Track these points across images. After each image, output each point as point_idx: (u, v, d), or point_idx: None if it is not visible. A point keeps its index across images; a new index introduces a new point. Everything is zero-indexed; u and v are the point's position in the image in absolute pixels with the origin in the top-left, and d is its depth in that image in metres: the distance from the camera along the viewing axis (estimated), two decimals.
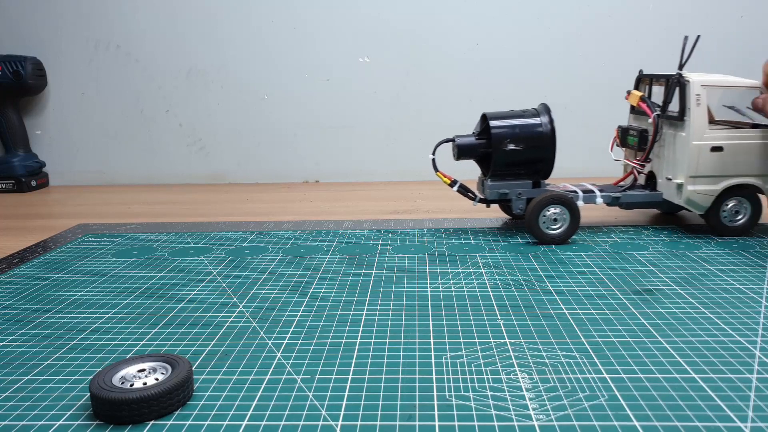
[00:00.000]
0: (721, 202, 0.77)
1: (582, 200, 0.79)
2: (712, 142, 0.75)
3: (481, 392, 0.42)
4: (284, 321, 0.55)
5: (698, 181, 0.76)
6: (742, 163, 0.76)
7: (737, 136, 0.75)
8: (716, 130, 0.76)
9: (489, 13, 1.26)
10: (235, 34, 1.30)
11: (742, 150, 0.75)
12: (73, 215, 1.04)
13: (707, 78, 0.77)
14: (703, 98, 0.75)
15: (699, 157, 0.76)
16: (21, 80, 1.25)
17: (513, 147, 0.78)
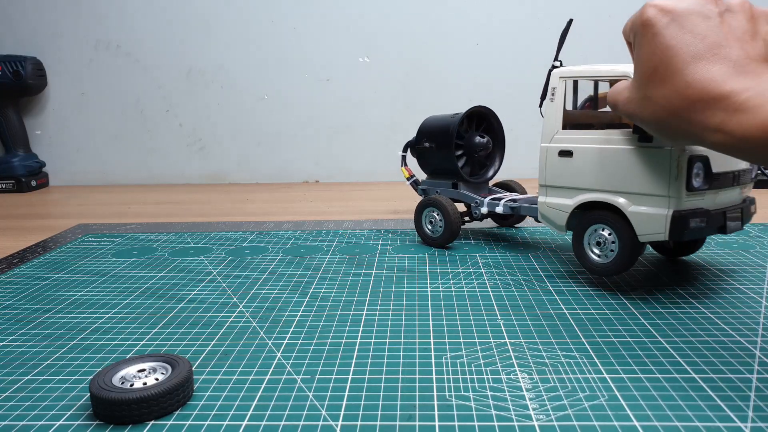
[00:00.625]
0: (584, 228, 0.61)
1: (486, 206, 0.76)
2: (561, 145, 0.62)
3: (481, 392, 0.42)
4: (284, 321, 0.55)
5: (552, 193, 0.64)
6: (594, 174, 0.59)
7: (590, 138, 0.60)
8: (570, 132, 0.62)
9: (489, 13, 1.26)
10: (235, 35, 1.30)
11: (594, 156, 0.59)
12: (73, 215, 1.04)
13: (569, 68, 0.65)
14: (560, 92, 0.64)
15: (548, 163, 0.63)
16: (21, 80, 1.25)
17: (427, 145, 0.80)
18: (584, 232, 0.61)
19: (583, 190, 0.61)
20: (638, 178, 0.56)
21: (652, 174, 0.55)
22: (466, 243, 0.79)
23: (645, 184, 0.56)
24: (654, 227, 0.55)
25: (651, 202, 0.56)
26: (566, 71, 0.64)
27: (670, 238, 0.54)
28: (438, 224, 0.77)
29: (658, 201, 0.55)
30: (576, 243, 0.62)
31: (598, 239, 0.60)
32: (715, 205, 0.57)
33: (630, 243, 0.57)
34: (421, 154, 0.82)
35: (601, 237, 0.59)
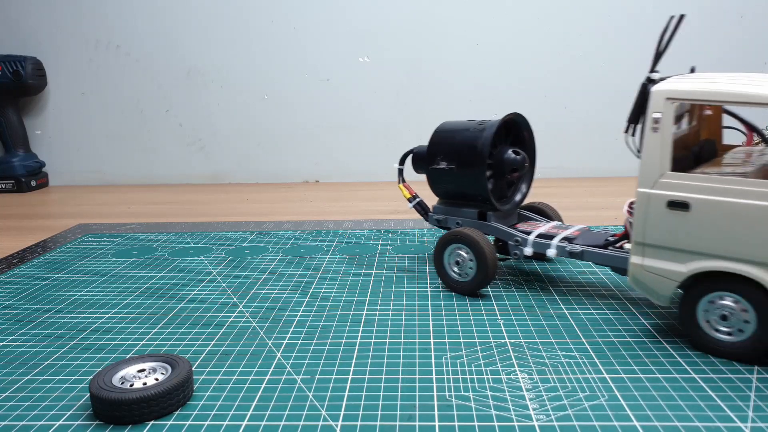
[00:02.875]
0: (698, 296, 0.47)
1: (530, 246, 0.60)
2: (671, 193, 0.46)
3: (481, 392, 0.42)
4: (284, 321, 0.55)
5: (649, 253, 0.49)
6: (722, 235, 0.45)
7: (716, 188, 0.45)
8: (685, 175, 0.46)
9: (489, 13, 1.26)
10: (235, 34, 1.30)
11: (725, 213, 0.44)
12: (73, 215, 1.04)
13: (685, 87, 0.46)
14: (667, 120, 0.47)
15: (647, 214, 0.48)
16: (21, 80, 1.25)
17: (445, 165, 0.63)
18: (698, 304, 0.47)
19: (698, 255, 0.46)
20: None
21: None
22: None
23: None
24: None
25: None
26: (679, 91, 0.46)
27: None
28: (468, 266, 0.59)
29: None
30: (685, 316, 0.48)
31: (723, 312, 0.46)
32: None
33: None
34: (436, 174, 0.65)
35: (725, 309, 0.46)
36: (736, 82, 0.45)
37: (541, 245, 0.59)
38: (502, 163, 0.62)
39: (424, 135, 1.32)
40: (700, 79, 0.47)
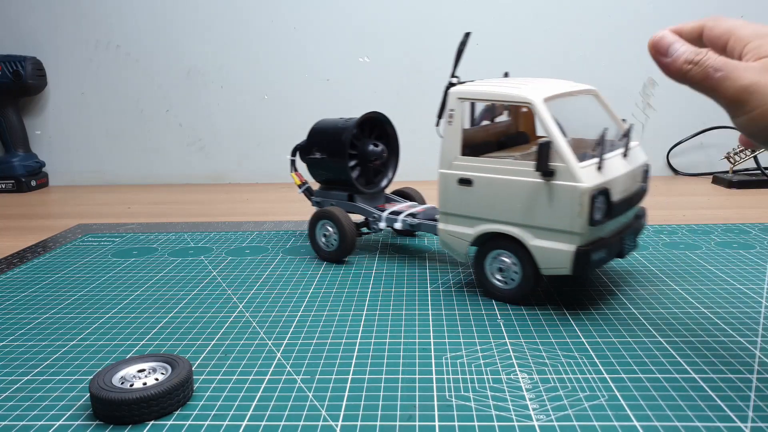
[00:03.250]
0: (485, 253, 0.59)
1: (384, 221, 0.71)
2: (460, 173, 0.58)
3: (481, 392, 0.42)
4: (284, 321, 0.55)
5: (450, 220, 0.61)
6: (497, 205, 0.57)
7: (492, 168, 0.57)
8: (470, 159, 0.58)
9: (489, 13, 1.26)
10: (235, 34, 1.30)
11: (497, 187, 0.56)
12: (73, 215, 1.04)
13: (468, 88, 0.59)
14: (458, 114, 0.59)
15: (447, 189, 0.60)
16: (21, 80, 1.25)
17: (318, 155, 0.74)
18: (485, 259, 0.59)
19: (481, 220, 0.58)
20: (540, 213, 0.54)
21: (555, 209, 0.53)
22: None
23: (548, 218, 0.54)
24: (557, 261, 0.54)
25: (553, 237, 0.54)
26: (465, 92, 0.59)
27: (573, 273, 0.53)
28: (332, 238, 0.71)
29: (562, 236, 0.53)
30: (476, 268, 0.60)
31: (500, 266, 0.58)
32: (612, 231, 0.57)
33: (532, 275, 0.56)
34: (311, 163, 0.76)
35: (504, 264, 0.58)
36: (506, 85, 0.58)
37: (391, 220, 0.71)
38: (365, 153, 0.74)
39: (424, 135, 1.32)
40: (489, 83, 0.60)
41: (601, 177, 0.53)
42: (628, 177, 0.57)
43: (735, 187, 1.13)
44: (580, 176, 0.52)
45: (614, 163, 0.57)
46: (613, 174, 0.55)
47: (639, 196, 0.60)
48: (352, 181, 0.73)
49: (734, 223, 0.85)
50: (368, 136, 0.75)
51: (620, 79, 1.27)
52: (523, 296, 0.57)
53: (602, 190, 0.53)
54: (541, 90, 0.57)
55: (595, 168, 0.54)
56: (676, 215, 0.93)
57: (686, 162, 1.30)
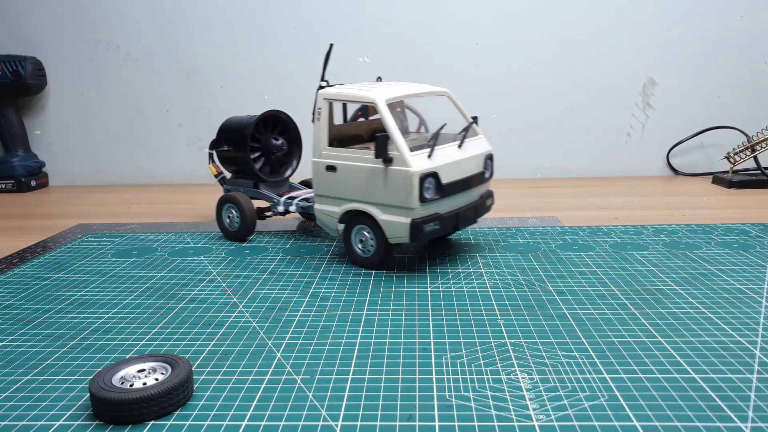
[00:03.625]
0: (350, 228, 0.71)
1: (282, 205, 0.82)
2: (327, 161, 0.71)
3: (481, 392, 0.42)
4: (284, 321, 0.55)
5: (323, 201, 0.72)
6: (355, 187, 0.68)
7: (349, 156, 0.68)
8: (337, 149, 0.70)
9: (489, 13, 1.26)
10: (235, 34, 1.30)
11: (353, 173, 0.68)
12: (73, 215, 1.04)
13: (333, 90, 0.71)
14: (324, 112, 0.71)
15: (318, 175, 0.72)
16: (21, 80, 1.25)
17: (226, 148, 0.85)
18: (351, 232, 0.71)
19: (345, 200, 0.70)
20: (385, 193, 0.66)
21: (395, 190, 0.65)
22: (467, 243, 0.79)
23: (390, 197, 0.65)
24: (399, 232, 0.66)
25: (395, 213, 0.66)
26: (329, 93, 0.71)
27: (411, 240, 0.65)
28: (235, 220, 0.82)
29: (401, 212, 0.65)
30: (345, 241, 0.71)
31: (361, 238, 0.70)
32: (449, 208, 0.68)
33: (384, 243, 0.68)
34: (221, 156, 0.86)
35: (364, 236, 0.69)
36: (360, 88, 0.70)
37: (287, 204, 0.82)
38: (268, 146, 0.84)
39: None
40: (349, 86, 0.72)
41: (430, 163, 0.65)
42: (461, 163, 0.69)
43: (735, 187, 1.13)
44: (410, 162, 0.63)
45: (446, 152, 0.68)
46: (443, 161, 0.66)
47: (477, 180, 0.71)
48: (255, 171, 0.84)
49: (734, 223, 0.85)
50: (271, 131, 0.86)
51: (620, 79, 1.27)
52: (380, 263, 0.69)
53: (431, 174, 0.64)
54: (384, 92, 0.68)
55: (425, 156, 0.65)
56: (676, 215, 0.93)
57: (686, 162, 1.30)
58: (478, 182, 0.72)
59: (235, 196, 0.81)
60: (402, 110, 0.80)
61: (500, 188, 1.20)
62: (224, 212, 0.83)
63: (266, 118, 0.85)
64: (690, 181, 1.23)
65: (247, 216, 0.81)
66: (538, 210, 0.98)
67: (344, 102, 0.77)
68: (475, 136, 0.75)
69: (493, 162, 0.75)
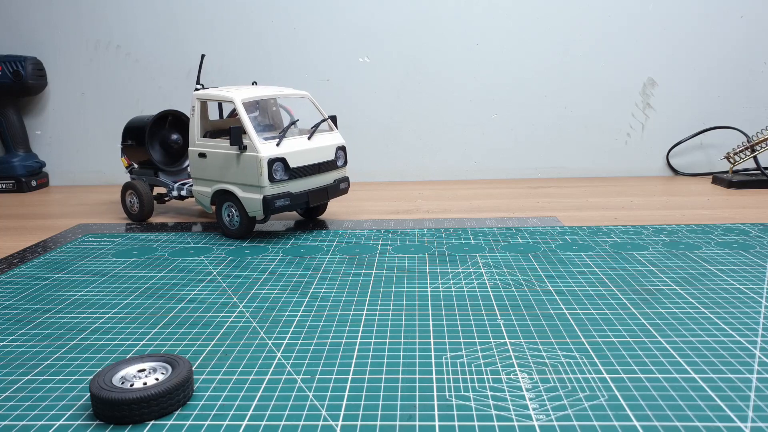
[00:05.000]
0: (221, 205, 0.84)
1: (175, 190, 0.97)
2: (199, 149, 0.85)
3: (481, 392, 0.42)
4: (284, 321, 0.55)
5: (198, 183, 0.87)
6: (221, 170, 0.83)
7: (214, 145, 0.84)
8: (207, 139, 0.85)
9: (489, 13, 1.26)
10: (235, 35, 1.30)
11: (219, 158, 0.83)
12: (73, 215, 1.04)
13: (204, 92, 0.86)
14: (197, 109, 0.85)
15: (193, 161, 0.87)
16: (21, 80, 1.25)
17: (130, 143, 0.98)
18: (221, 209, 0.84)
19: (215, 182, 0.84)
20: (242, 174, 0.81)
21: (249, 171, 0.79)
22: (467, 243, 0.79)
23: (246, 178, 0.80)
24: (255, 207, 0.80)
25: (251, 191, 0.80)
26: (201, 94, 0.86)
27: (264, 214, 0.79)
28: (136, 203, 0.95)
29: (255, 190, 0.80)
30: (218, 216, 0.85)
31: (228, 213, 0.84)
32: (300, 188, 0.83)
33: (246, 217, 0.82)
34: (127, 149, 0.99)
35: (230, 212, 0.83)
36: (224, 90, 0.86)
37: (179, 189, 0.96)
38: (166, 140, 0.99)
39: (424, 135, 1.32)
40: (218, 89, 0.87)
41: (278, 150, 0.80)
42: (309, 152, 0.84)
43: (735, 187, 1.13)
44: (260, 149, 0.78)
45: (296, 142, 0.83)
46: (291, 149, 0.81)
47: (327, 167, 0.86)
48: (154, 161, 0.97)
49: (734, 223, 0.85)
50: (171, 127, 1.00)
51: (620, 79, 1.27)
52: (245, 233, 0.83)
53: (279, 159, 0.79)
54: (242, 94, 0.82)
55: (274, 144, 0.80)
56: (676, 215, 0.93)
57: (686, 162, 1.30)
58: (328, 168, 0.87)
59: (134, 183, 0.95)
60: (276, 109, 0.96)
61: (500, 188, 1.20)
62: (127, 197, 0.97)
63: (165, 117, 0.99)
64: (690, 181, 1.23)
65: (144, 200, 0.94)
66: (538, 210, 0.98)
67: (213, 101, 0.90)
68: (330, 131, 0.90)
69: (346, 153, 0.90)
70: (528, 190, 1.18)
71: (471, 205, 1.04)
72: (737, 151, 1.18)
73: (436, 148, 1.33)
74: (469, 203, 1.06)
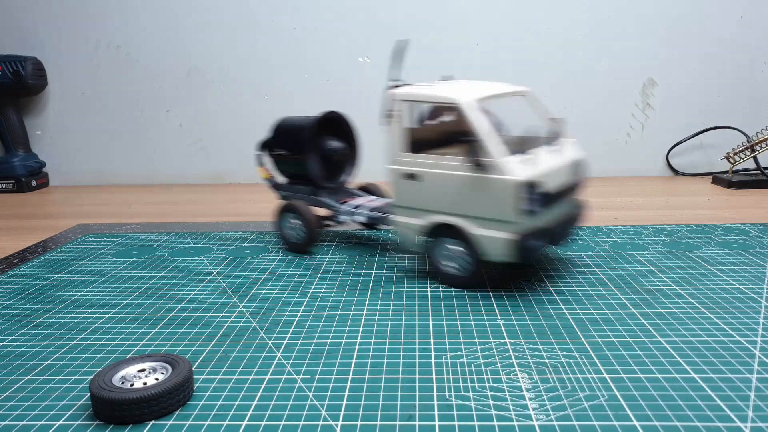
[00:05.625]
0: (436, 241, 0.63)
1: (344, 215, 0.75)
2: (406, 168, 0.62)
3: (481, 392, 0.42)
4: (284, 321, 0.55)
5: (402, 213, 0.65)
6: (443, 198, 0.60)
7: (434, 164, 0.60)
8: (415, 155, 0.62)
9: (489, 14, 1.26)
10: (235, 34, 1.30)
11: (441, 182, 0.60)
12: (73, 215, 1.04)
13: (409, 90, 0.63)
14: (401, 115, 0.63)
15: (396, 184, 0.64)
16: (21, 80, 1.25)
17: (282, 153, 0.78)
18: (435, 247, 0.63)
19: (430, 212, 0.62)
20: (480, 205, 0.58)
21: (493, 201, 0.57)
22: None
23: (486, 210, 0.57)
24: (499, 249, 0.58)
25: (494, 227, 0.58)
26: (404, 94, 0.63)
27: (516, 260, 0.57)
28: (299, 230, 0.75)
29: (501, 226, 0.57)
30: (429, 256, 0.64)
31: (447, 252, 0.62)
32: (549, 220, 0.61)
33: (477, 261, 0.60)
34: (276, 159, 0.80)
35: (449, 251, 0.62)
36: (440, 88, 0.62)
37: (351, 213, 0.74)
38: (325, 149, 0.76)
39: None
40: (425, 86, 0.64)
41: (532, 170, 0.57)
42: (560, 170, 0.61)
43: (735, 187, 1.13)
44: (511, 170, 0.55)
45: (544, 157, 0.60)
46: (544, 168, 0.59)
47: (574, 189, 0.65)
48: (314, 177, 0.76)
49: (734, 223, 0.85)
50: (328, 133, 0.78)
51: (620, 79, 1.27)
52: (470, 281, 0.61)
53: (535, 182, 0.56)
54: (470, 93, 0.59)
55: (525, 162, 0.57)
56: (675, 215, 0.93)
57: (686, 162, 1.30)
58: (575, 190, 0.65)
59: (297, 205, 0.74)
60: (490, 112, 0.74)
61: None
62: (284, 221, 0.76)
63: (323, 120, 0.77)
64: (690, 181, 1.23)
65: (312, 226, 0.73)
66: None
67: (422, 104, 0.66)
68: (565, 138, 0.66)
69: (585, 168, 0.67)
70: None
71: None
72: (737, 151, 1.18)
73: None
74: None
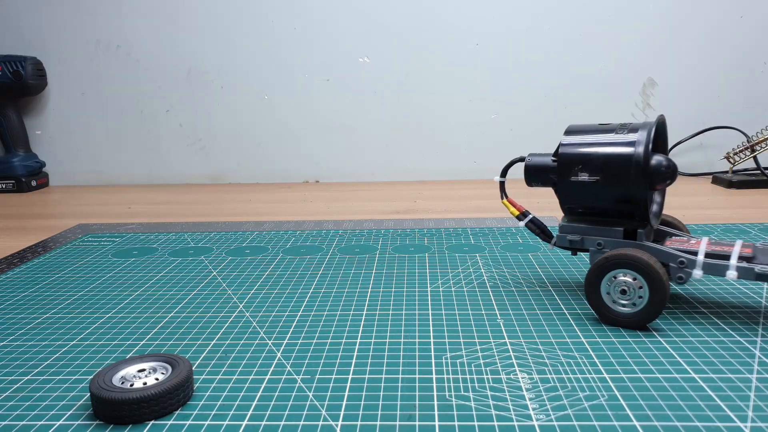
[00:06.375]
0: None
1: (700, 268, 0.51)
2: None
3: (481, 392, 0.42)
4: (284, 321, 0.55)
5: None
6: None
7: None
8: None
9: (489, 14, 1.26)
10: (235, 34, 1.30)
11: None
12: (73, 215, 1.04)
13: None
14: None
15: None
16: (21, 80, 1.25)
17: (587, 178, 0.54)
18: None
19: None
20: None
21: None
22: (466, 243, 0.79)
23: None
24: None
25: None
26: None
27: None
28: (636, 293, 0.51)
29: None
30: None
31: None
32: None
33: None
34: (573, 188, 0.55)
35: None
36: None
37: (714, 267, 0.50)
38: (651, 172, 0.52)
39: (424, 135, 1.32)
40: None
41: None
42: None
43: (735, 187, 1.13)
44: None
45: None
46: None
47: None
48: (646, 212, 0.53)
49: (734, 223, 0.85)
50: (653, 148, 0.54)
51: (620, 79, 1.27)
52: None
53: None
54: None
55: None
56: (675, 215, 0.92)
57: (686, 162, 1.30)
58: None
59: (637, 256, 0.50)
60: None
61: None
62: (608, 282, 0.52)
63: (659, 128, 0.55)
64: (690, 181, 1.23)
65: (663, 286, 0.49)
66: (538, 210, 0.98)
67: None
68: None
69: None
70: (528, 190, 1.18)
71: (471, 205, 1.04)
72: (737, 151, 1.18)
73: (436, 148, 1.33)
74: (469, 203, 1.06)
